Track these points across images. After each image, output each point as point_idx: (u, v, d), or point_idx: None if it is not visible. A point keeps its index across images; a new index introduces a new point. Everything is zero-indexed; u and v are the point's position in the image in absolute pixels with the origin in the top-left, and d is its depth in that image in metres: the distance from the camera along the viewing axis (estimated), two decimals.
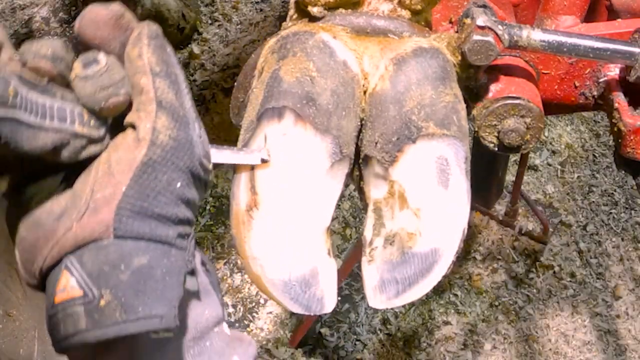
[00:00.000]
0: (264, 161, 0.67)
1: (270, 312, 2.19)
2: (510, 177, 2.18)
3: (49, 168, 0.53)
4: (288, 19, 0.78)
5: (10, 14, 2.96)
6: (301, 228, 0.68)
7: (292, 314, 2.15)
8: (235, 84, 0.78)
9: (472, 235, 2.36)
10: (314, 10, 0.73)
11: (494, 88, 0.83)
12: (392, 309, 2.17)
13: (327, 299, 0.69)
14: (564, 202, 2.47)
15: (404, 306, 2.21)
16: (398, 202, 0.70)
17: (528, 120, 0.82)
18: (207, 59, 2.78)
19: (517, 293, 2.28)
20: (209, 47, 2.80)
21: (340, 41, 0.71)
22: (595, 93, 0.89)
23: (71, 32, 2.70)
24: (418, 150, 0.69)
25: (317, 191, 0.69)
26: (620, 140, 0.84)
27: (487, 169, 1.55)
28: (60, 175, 0.53)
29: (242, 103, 0.76)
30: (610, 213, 2.48)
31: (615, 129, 0.84)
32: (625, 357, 2.20)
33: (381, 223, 0.71)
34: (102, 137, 0.52)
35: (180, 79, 0.55)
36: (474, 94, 0.83)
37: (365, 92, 0.72)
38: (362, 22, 0.73)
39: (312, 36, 0.70)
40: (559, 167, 2.56)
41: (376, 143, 0.70)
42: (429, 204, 0.69)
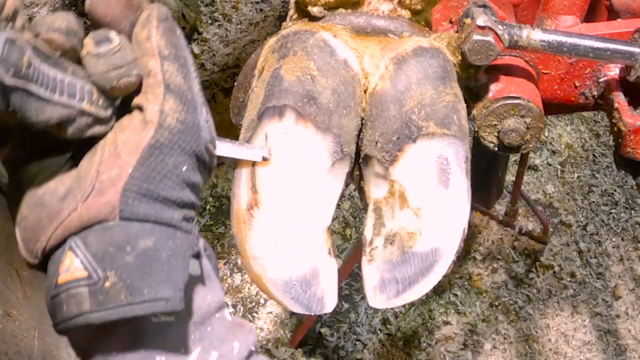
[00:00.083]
0: (264, 159, 0.67)
1: (270, 312, 2.19)
2: (510, 177, 2.18)
3: (53, 146, 0.52)
4: (288, 19, 0.78)
5: None
6: (302, 227, 0.68)
7: (292, 314, 2.15)
8: (235, 84, 0.78)
9: (472, 235, 2.36)
10: (314, 10, 0.73)
11: (494, 88, 0.83)
12: (392, 308, 2.17)
13: (327, 299, 0.69)
14: (564, 202, 2.47)
15: (404, 306, 2.21)
16: (398, 201, 0.70)
17: (528, 120, 0.82)
18: (207, 59, 2.78)
19: (517, 293, 2.28)
20: (209, 47, 2.80)
21: (341, 40, 0.71)
22: (595, 93, 0.89)
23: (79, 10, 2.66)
24: (418, 149, 0.69)
25: (317, 190, 0.69)
26: (620, 140, 0.84)
27: (487, 169, 1.55)
28: (65, 156, 0.52)
29: (242, 103, 0.76)
30: (610, 213, 2.48)
31: (615, 129, 0.85)
32: (625, 357, 2.20)
33: (381, 223, 0.71)
34: (109, 117, 0.51)
35: (189, 62, 0.55)
36: (474, 94, 0.83)
37: (365, 91, 0.72)
38: (362, 22, 0.73)
39: (312, 35, 0.70)
40: (559, 167, 2.56)
41: (376, 142, 0.70)
42: (429, 203, 0.69)
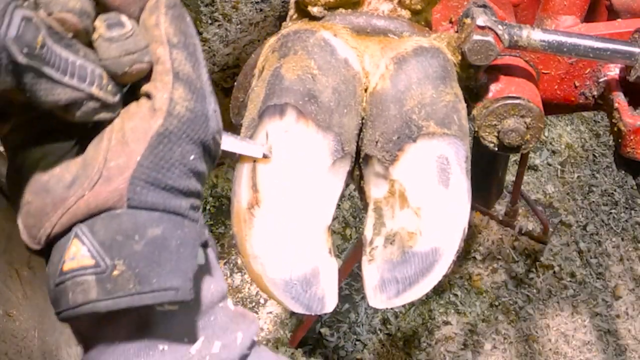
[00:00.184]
0: (265, 156, 0.66)
1: (270, 312, 2.19)
2: (510, 177, 2.18)
3: (57, 131, 0.52)
4: (288, 19, 0.78)
5: None
6: (302, 226, 0.68)
7: (292, 313, 2.15)
8: (235, 84, 0.78)
9: (472, 235, 2.36)
10: (314, 10, 0.73)
11: (494, 88, 0.83)
12: (392, 308, 2.17)
13: (328, 299, 0.69)
14: (564, 202, 2.47)
15: (404, 306, 2.21)
16: (398, 201, 0.70)
17: (528, 120, 0.82)
18: (207, 59, 2.78)
19: (517, 293, 2.28)
20: (209, 47, 2.80)
21: (341, 39, 0.71)
22: (595, 93, 0.89)
23: None
24: (418, 149, 0.69)
25: (318, 189, 0.69)
26: (620, 140, 0.84)
27: (487, 169, 1.55)
28: (70, 142, 0.52)
29: (242, 103, 0.76)
30: (610, 213, 2.48)
31: (615, 129, 0.85)
32: (625, 357, 2.20)
33: (381, 222, 0.71)
34: (116, 103, 0.50)
35: (198, 50, 0.54)
36: (474, 94, 0.83)
37: (366, 90, 0.72)
38: (362, 22, 0.73)
39: (313, 34, 0.70)
40: (559, 167, 2.56)
41: (377, 142, 0.70)
42: (430, 203, 0.69)
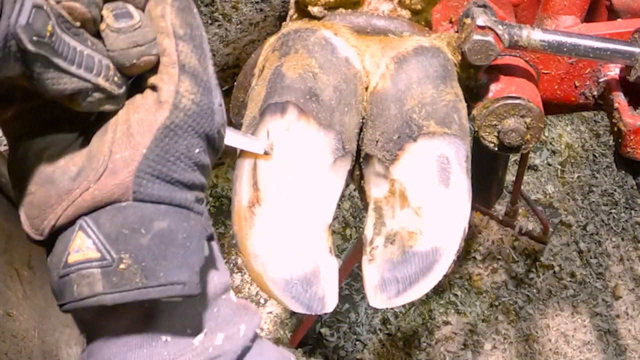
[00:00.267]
0: (266, 153, 0.66)
1: (271, 312, 2.19)
2: (510, 177, 2.18)
3: (61, 120, 0.51)
4: (288, 19, 0.78)
5: None
6: (303, 224, 0.68)
7: (292, 313, 2.15)
8: (235, 84, 0.78)
9: (472, 235, 2.36)
10: (314, 10, 0.73)
11: (494, 88, 0.83)
12: (392, 308, 2.17)
13: (328, 298, 0.69)
14: (564, 202, 2.47)
15: (404, 306, 2.21)
16: (399, 200, 0.70)
17: (528, 120, 0.82)
18: None
19: (517, 293, 2.28)
20: (209, 47, 2.80)
21: (342, 38, 0.71)
22: (595, 93, 0.89)
23: None
24: (419, 148, 0.69)
25: (319, 187, 0.69)
26: (620, 140, 0.84)
27: (487, 169, 1.55)
28: (74, 133, 0.52)
29: (242, 103, 0.76)
30: (610, 213, 2.48)
31: (615, 129, 0.85)
32: (625, 357, 2.20)
33: (382, 222, 0.71)
34: (121, 95, 0.50)
35: (204, 43, 0.54)
36: (474, 94, 0.83)
37: (366, 89, 0.72)
38: (362, 22, 0.73)
39: (313, 33, 0.70)
40: (559, 167, 2.56)
41: (377, 141, 0.70)
42: (430, 202, 0.69)
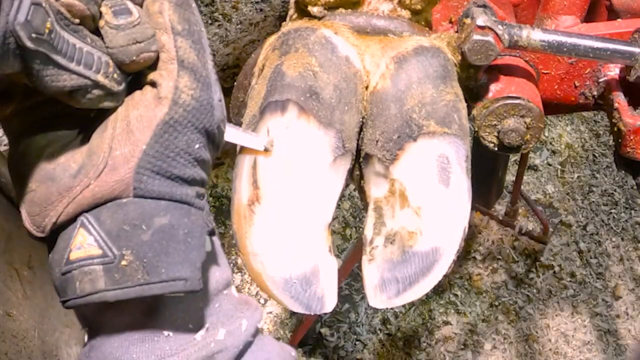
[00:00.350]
0: (266, 150, 0.66)
1: (270, 312, 2.19)
2: (510, 177, 2.18)
3: (61, 117, 0.51)
4: (288, 19, 0.78)
5: None
6: (303, 223, 0.68)
7: (292, 313, 2.15)
8: (235, 84, 0.78)
9: (472, 235, 2.36)
10: (314, 10, 0.73)
11: (494, 88, 0.83)
12: (392, 308, 2.17)
13: (327, 298, 0.69)
14: (564, 202, 2.47)
15: (404, 306, 2.21)
16: (399, 200, 0.70)
17: (528, 120, 0.82)
18: None
19: (517, 293, 2.28)
20: (209, 45, 2.80)
21: (342, 37, 0.71)
22: (595, 93, 0.89)
23: None
24: (419, 148, 0.69)
25: (319, 186, 0.69)
26: (620, 140, 0.84)
27: (487, 169, 1.55)
28: (74, 130, 0.52)
29: (242, 103, 0.76)
30: (610, 213, 2.47)
31: (615, 129, 0.85)
32: (625, 357, 2.20)
33: (382, 222, 0.71)
34: (121, 91, 0.50)
35: (203, 38, 0.54)
36: (474, 94, 0.83)
37: (367, 88, 0.72)
38: (362, 22, 0.73)
39: (313, 32, 0.70)
40: (559, 167, 2.56)
41: (377, 141, 0.70)
42: (430, 202, 0.69)
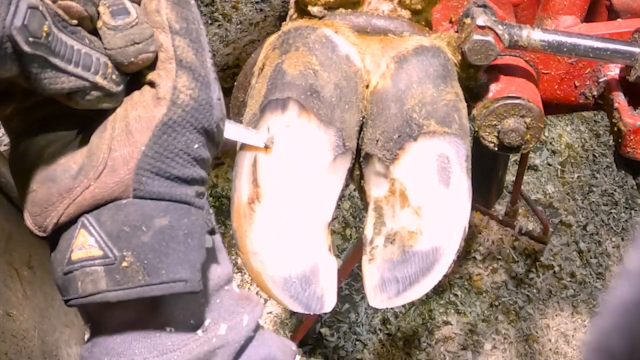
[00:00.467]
0: (266, 147, 0.66)
1: (270, 312, 2.19)
2: (510, 177, 2.18)
3: (60, 117, 0.51)
4: (288, 19, 0.78)
5: None
6: (303, 222, 0.68)
7: (292, 313, 2.15)
8: (235, 83, 0.79)
9: (472, 235, 2.36)
10: (314, 9, 0.73)
11: (494, 88, 0.83)
12: (392, 308, 2.17)
13: (327, 298, 0.69)
14: (564, 202, 2.47)
15: (404, 306, 2.21)
16: (399, 200, 0.70)
17: (528, 120, 0.82)
18: None
19: (517, 293, 2.28)
20: (209, 47, 2.80)
21: (343, 36, 0.71)
22: (595, 93, 0.89)
23: None
24: (419, 148, 0.69)
25: (319, 185, 0.69)
26: (620, 140, 0.84)
27: (487, 169, 1.55)
28: (73, 130, 0.51)
29: (242, 102, 0.76)
30: (610, 213, 2.47)
31: (615, 128, 0.85)
32: None
33: (382, 222, 0.71)
34: (120, 92, 0.50)
35: (201, 36, 0.54)
36: (474, 94, 0.83)
37: (367, 87, 0.72)
38: (362, 22, 0.73)
39: (314, 31, 0.70)
40: (559, 167, 2.56)
41: (377, 141, 0.70)
42: (430, 202, 0.69)
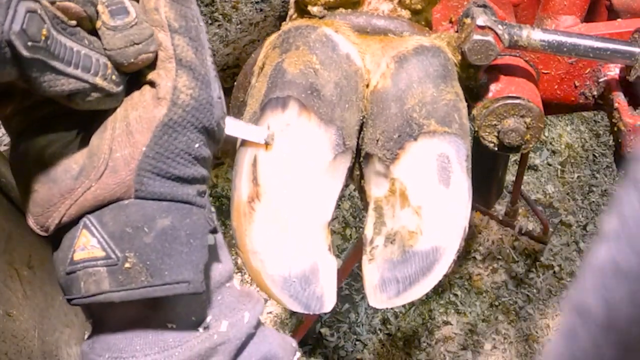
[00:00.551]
0: (267, 143, 0.66)
1: (270, 312, 2.19)
2: (510, 177, 2.18)
3: (61, 116, 0.51)
4: (288, 18, 0.78)
5: None
6: (303, 221, 0.68)
7: (292, 313, 2.15)
8: (235, 83, 0.79)
9: (472, 235, 2.36)
10: (314, 9, 0.73)
11: (494, 88, 0.83)
12: (392, 308, 2.17)
13: (326, 298, 0.69)
14: (564, 202, 2.47)
15: (404, 306, 2.21)
16: (399, 200, 0.70)
17: (528, 120, 0.82)
18: None
19: (517, 293, 2.28)
20: (209, 47, 2.79)
21: (343, 35, 0.71)
22: (595, 93, 0.89)
23: None
24: (419, 147, 0.69)
25: (319, 184, 0.69)
26: (620, 140, 0.84)
27: (487, 169, 1.55)
28: (73, 130, 0.51)
29: (242, 102, 0.76)
30: None
31: (615, 128, 0.85)
32: None
33: (382, 221, 0.71)
34: (119, 93, 0.50)
35: (201, 34, 0.53)
36: (474, 94, 0.83)
37: (368, 86, 0.72)
38: (362, 22, 0.73)
39: (314, 30, 0.70)
40: (559, 167, 2.56)
41: (377, 140, 0.70)
42: (430, 202, 0.69)
